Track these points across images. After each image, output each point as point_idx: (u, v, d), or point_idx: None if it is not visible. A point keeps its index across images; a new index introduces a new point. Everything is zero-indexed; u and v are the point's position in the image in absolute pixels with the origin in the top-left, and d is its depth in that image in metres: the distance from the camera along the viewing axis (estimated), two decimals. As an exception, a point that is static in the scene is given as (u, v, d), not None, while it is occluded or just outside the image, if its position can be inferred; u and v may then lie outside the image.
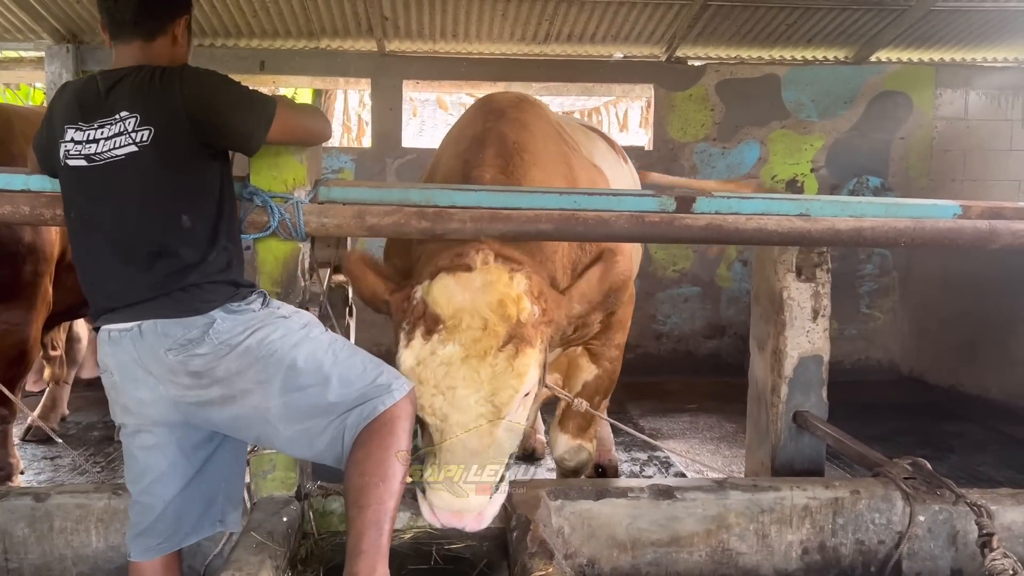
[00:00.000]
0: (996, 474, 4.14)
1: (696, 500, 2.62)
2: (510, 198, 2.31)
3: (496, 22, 5.88)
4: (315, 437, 1.92)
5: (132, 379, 1.93)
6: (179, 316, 1.87)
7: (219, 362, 1.87)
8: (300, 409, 1.90)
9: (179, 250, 1.88)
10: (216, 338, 1.87)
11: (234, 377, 1.88)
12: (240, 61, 6.18)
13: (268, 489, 2.50)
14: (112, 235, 1.91)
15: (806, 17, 5.85)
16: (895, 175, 6.52)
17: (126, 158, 1.86)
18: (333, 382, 1.90)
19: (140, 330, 1.89)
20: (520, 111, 2.73)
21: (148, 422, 1.97)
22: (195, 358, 1.87)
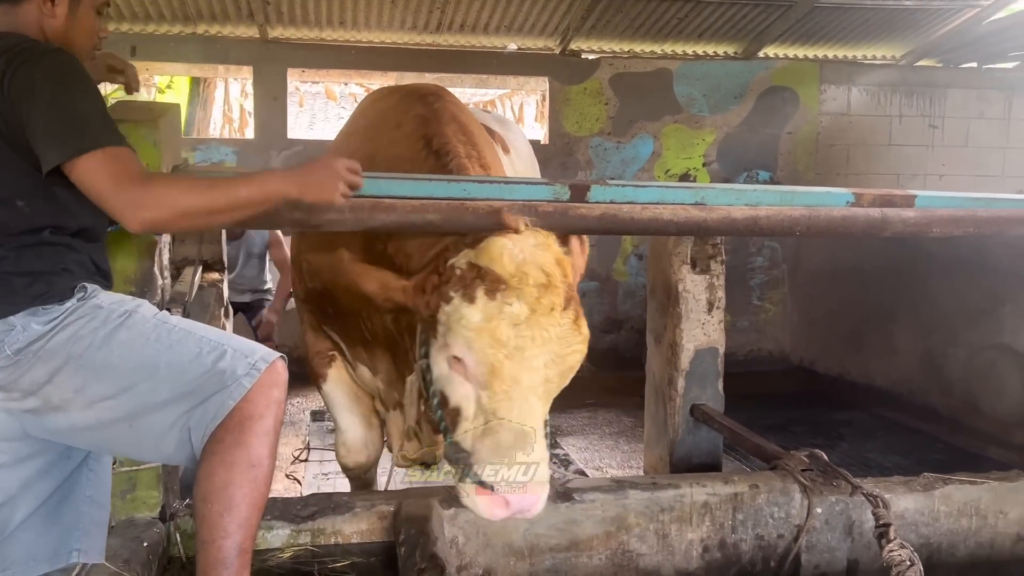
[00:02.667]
0: (884, 460, 4.24)
1: (595, 502, 2.52)
2: (394, 185, 2.14)
3: (386, 10, 5.67)
4: (160, 439, 1.64)
5: None
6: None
7: (23, 374, 1.59)
8: (131, 411, 1.62)
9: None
10: (10, 348, 1.59)
11: (45, 387, 1.59)
12: (109, 46, 5.65)
13: (127, 511, 2.25)
14: None
15: (696, 11, 5.89)
16: (783, 169, 6.65)
17: None
18: (161, 373, 1.61)
19: None
20: (452, 96, 2.72)
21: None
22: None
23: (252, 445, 1.60)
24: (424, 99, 2.58)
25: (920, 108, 6.79)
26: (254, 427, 1.60)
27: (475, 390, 1.85)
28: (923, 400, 4.97)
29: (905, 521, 2.60)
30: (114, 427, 1.64)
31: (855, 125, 6.72)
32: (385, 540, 2.40)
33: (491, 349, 1.79)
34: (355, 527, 2.40)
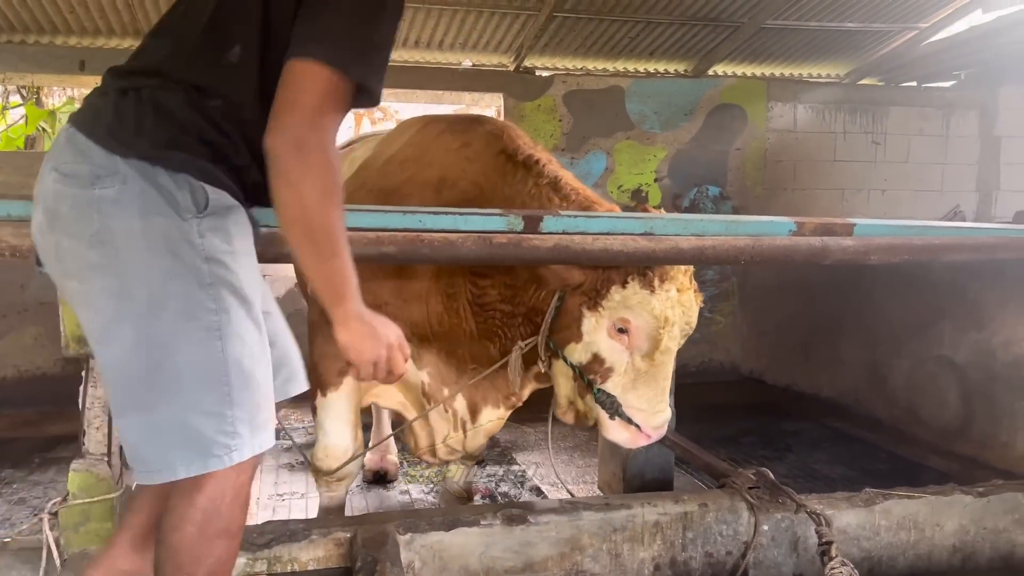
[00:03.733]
0: (830, 471, 4.35)
1: (549, 523, 2.56)
2: (350, 217, 2.17)
3: (340, 26, 5.66)
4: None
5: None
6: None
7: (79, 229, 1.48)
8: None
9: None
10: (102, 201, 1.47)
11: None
12: (56, 60, 5.66)
13: (80, 543, 2.24)
14: None
15: (648, 31, 6.01)
16: (732, 184, 6.80)
17: None
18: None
19: None
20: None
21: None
22: (64, 200, 1.50)
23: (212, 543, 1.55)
24: (480, 120, 2.88)
25: (863, 125, 7.01)
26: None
27: (630, 353, 2.39)
28: (868, 410, 5.12)
29: (847, 536, 2.70)
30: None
31: (801, 141, 6.91)
32: (342, 566, 2.42)
33: (658, 324, 2.30)
34: (312, 554, 2.41)
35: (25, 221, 1.99)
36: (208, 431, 1.50)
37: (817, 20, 5.93)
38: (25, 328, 5.69)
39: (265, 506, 3.82)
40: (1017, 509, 2.90)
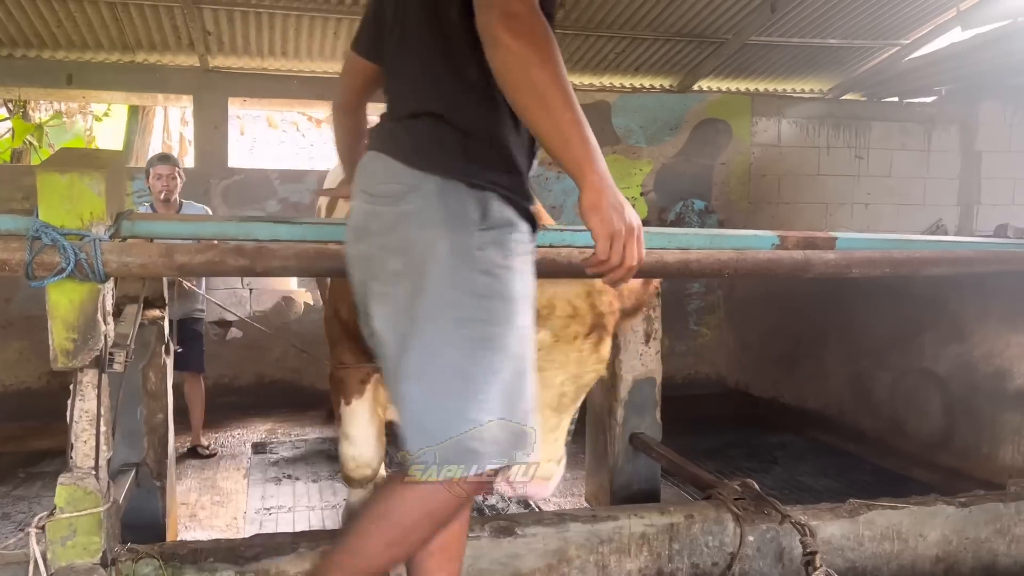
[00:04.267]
0: (815, 483, 4.39)
1: (537, 535, 2.57)
2: (338, 231, 2.19)
3: (328, 40, 5.71)
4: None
5: None
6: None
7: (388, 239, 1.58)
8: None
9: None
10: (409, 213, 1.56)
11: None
12: (44, 74, 5.67)
13: (67, 557, 2.23)
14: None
15: (633, 47, 6.08)
16: (717, 198, 6.86)
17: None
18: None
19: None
20: None
21: None
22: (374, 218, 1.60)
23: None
24: None
25: (846, 140, 7.09)
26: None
27: None
28: (852, 422, 5.16)
29: (832, 546, 2.72)
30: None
31: (785, 156, 6.98)
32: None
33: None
34: (299, 567, 2.41)
35: (14, 235, 2.01)
36: (465, 438, 1.53)
37: (800, 36, 6.02)
38: (9, 343, 5.67)
39: (252, 520, 3.81)
40: (998, 519, 2.94)
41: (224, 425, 5.55)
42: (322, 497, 4.13)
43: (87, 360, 2.14)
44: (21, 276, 1.96)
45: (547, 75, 1.41)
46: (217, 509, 3.97)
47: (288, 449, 5.03)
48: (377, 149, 1.65)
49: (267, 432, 5.45)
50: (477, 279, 1.54)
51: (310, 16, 5.36)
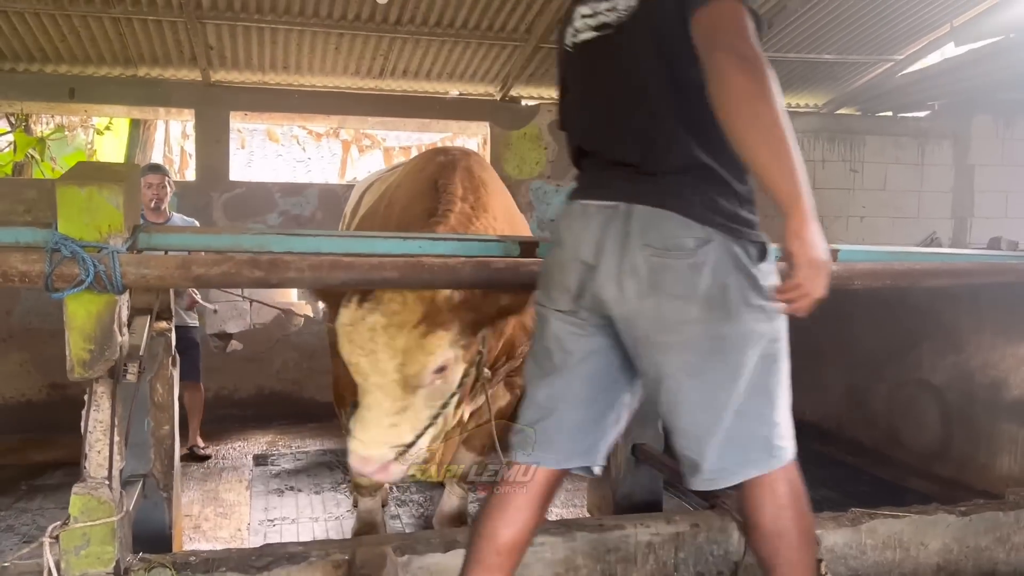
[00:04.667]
0: (814, 494, 4.33)
1: (544, 544, 2.60)
2: (350, 243, 2.23)
3: (329, 55, 5.76)
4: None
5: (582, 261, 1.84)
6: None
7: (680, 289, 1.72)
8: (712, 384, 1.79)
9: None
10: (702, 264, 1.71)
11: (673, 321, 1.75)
12: (46, 88, 5.71)
13: (81, 567, 2.25)
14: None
15: (631, 61, 6.13)
16: (715, 211, 6.90)
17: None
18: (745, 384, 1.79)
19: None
20: (478, 156, 3.18)
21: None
22: (667, 271, 1.73)
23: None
24: (447, 154, 3.03)
25: (841, 153, 7.16)
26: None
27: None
28: (850, 434, 5.20)
29: (835, 555, 2.75)
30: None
31: (782, 169, 7.02)
32: (339, 589, 2.44)
33: (351, 346, 2.23)
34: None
35: (33, 247, 2.04)
36: (772, 438, 1.84)
37: (796, 52, 6.09)
38: (10, 354, 5.67)
39: (256, 531, 3.83)
40: (998, 528, 2.97)
41: (225, 437, 5.56)
42: (325, 508, 4.15)
43: (103, 370, 2.17)
44: (40, 287, 1.99)
45: (773, 113, 1.59)
46: (221, 520, 3.98)
47: (290, 461, 5.04)
48: (657, 205, 1.76)
49: (268, 444, 5.46)
50: (765, 307, 1.76)
51: (312, 31, 5.41)
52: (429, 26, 5.44)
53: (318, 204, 6.13)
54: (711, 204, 1.74)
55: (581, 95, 1.97)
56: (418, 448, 2.30)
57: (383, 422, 2.24)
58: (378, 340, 2.19)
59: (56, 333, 5.74)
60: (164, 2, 4.95)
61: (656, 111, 1.79)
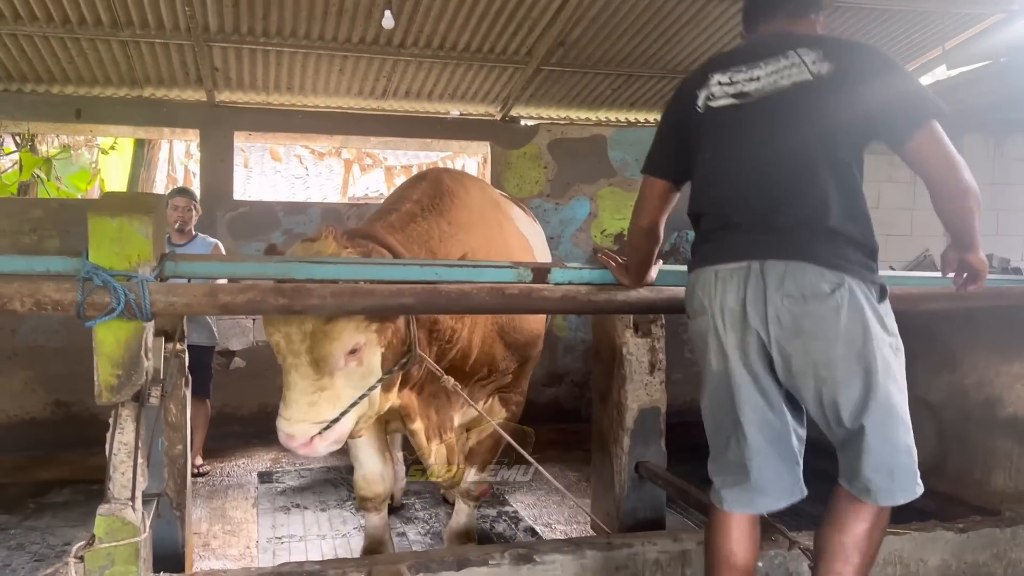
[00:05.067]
0: (812, 509, 4.44)
1: (555, 562, 2.66)
2: (369, 270, 2.30)
3: (333, 77, 5.85)
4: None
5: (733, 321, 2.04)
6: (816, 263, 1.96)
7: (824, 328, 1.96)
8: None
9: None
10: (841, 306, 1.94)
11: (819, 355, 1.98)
12: (52, 109, 5.78)
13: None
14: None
15: (630, 83, 6.24)
16: (712, 229, 7.00)
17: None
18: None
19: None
20: (464, 175, 3.43)
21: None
22: (808, 316, 1.96)
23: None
24: (428, 170, 3.31)
25: (836, 172, 7.26)
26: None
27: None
28: (847, 450, 5.25)
29: (837, 571, 2.82)
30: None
31: (776, 188, 7.14)
32: (356, 607, 2.50)
33: (271, 327, 2.39)
34: (328, 594, 2.49)
35: (64, 276, 2.10)
36: (915, 464, 2.11)
37: (791, 74, 6.20)
38: (15, 373, 5.71)
39: (265, 549, 3.87)
40: (995, 544, 3.05)
41: (228, 454, 5.61)
42: (332, 526, 4.20)
43: (130, 395, 2.23)
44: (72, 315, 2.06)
45: (979, 207, 2.08)
46: (229, 538, 4.02)
47: (294, 478, 5.09)
48: (791, 259, 1.98)
49: (272, 461, 5.50)
50: (893, 340, 2.05)
51: (316, 54, 5.49)
52: (432, 48, 5.53)
53: (321, 222, 6.18)
54: (841, 253, 1.97)
55: (712, 157, 2.13)
56: (343, 425, 2.50)
57: (303, 401, 2.45)
58: (291, 322, 2.35)
59: (60, 351, 5.82)
60: (172, 25, 5.03)
61: (812, 180, 2.01)
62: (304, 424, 2.46)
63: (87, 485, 4.92)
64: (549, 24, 5.28)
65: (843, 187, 2.04)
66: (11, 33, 4.98)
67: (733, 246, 2.05)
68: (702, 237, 2.20)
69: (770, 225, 2.01)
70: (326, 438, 2.49)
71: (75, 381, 5.77)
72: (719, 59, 2.21)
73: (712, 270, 2.08)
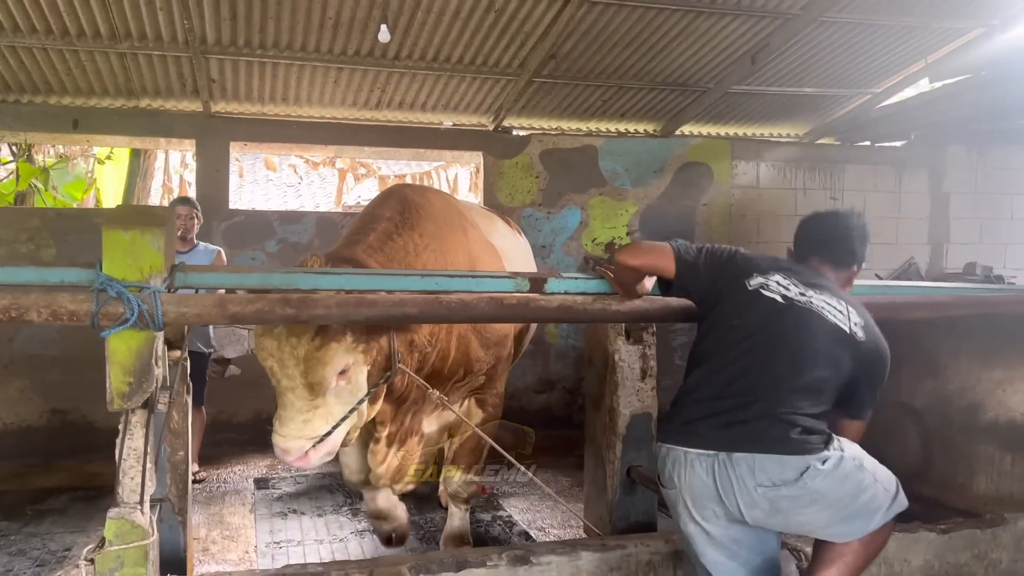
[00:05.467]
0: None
1: (551, 564, 2.74)
2: (372, 280, 2.38)
3: (328, 88, 5.93)
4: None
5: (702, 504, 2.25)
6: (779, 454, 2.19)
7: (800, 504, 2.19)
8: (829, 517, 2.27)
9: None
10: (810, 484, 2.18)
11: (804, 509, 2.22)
12: (50, 119, 5.84)
13: (115, 588, 2.36)
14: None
15: (620, 94, 6.36)
16: (700, 237, 7.12)
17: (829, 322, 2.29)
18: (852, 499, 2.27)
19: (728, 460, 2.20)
20: (425, 188, 3.69)
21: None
22: (783, 499, 2.18)
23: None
24: (393, 186, 3.53)
25: (822, 182, 7.41)
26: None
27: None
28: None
29: (824, 571, 2.91)
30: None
31: (764, 197, 7.27)
32: (357, 608, 2.57)
33: (263, 352, 2.60)
34: (331, 595, 2.56)
35: (79, 287, 2.17)
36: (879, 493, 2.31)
37: (778, 85, 6.33)
38: (11, 381, 5.75)
39: (264, 553, 3.93)
40: (975, 545, 3.15)
41: (224, 461, 5.66)
42: (329, 531, 4.26)
43: (140, 401, 2.29)
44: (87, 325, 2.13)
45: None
46: (228, 543, 4.08)
47: (290, 484, 5.15)
48: (754, 451, 2.20)
49: (267, 468, 5.56)
50: (859, 478, 2.27)
51: (312, 66, 5.58)
52: (427, 61, 5.63)
53: (315, 231, 6.27)
54: (795, 442, 2.20)
55: (744, 335, 2.32)
56: (335, 438, 2.71)
57: (297, 419, 2.65)
58: (284, 349, 2.53)
59: (57, 360, 5.85)
60: (170, 37, 5.10)
61: (814, 392, 2.27)
62: (299, 440, 2.65)
63: (85, 492, 4.97)
64: (541, 37, 5.38)
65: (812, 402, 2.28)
66: (10, 45, 5.05)
67: (703, 432, 2.26)
68: (678, 401, 2.45)
69: (745, 418, 2.23)
70: (319, 451, 2.69)
71: (72, 389, 5.83)
72: (781, 263, 2.49)
73: (683, 452, 2.28)
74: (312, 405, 2.63)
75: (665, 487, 2.37)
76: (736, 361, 2.28)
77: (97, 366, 6.46)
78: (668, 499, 2.39)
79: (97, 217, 6.08)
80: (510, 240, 4.23)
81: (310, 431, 2.65)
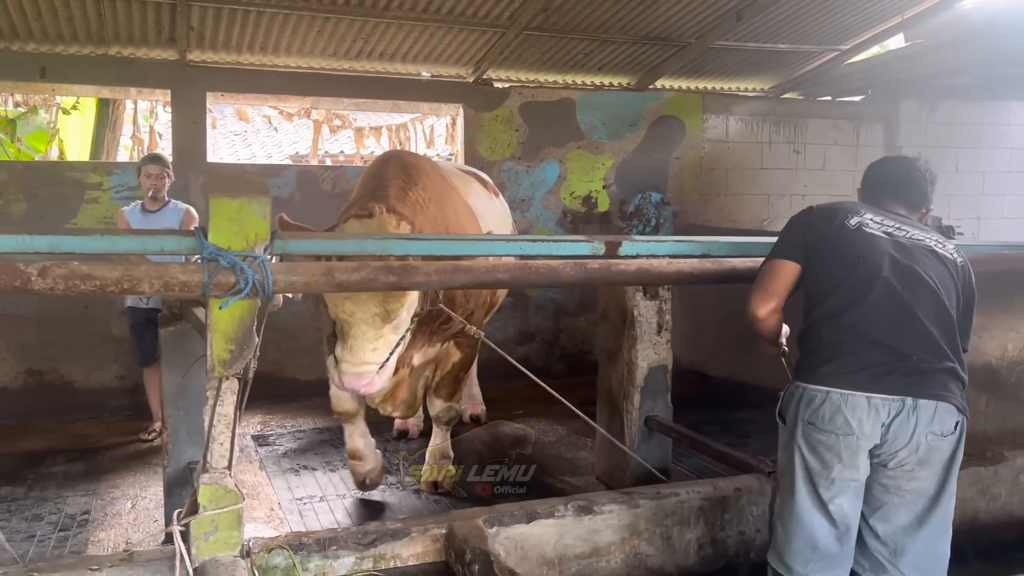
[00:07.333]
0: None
1: (612, 512, 2.89)
2: (458, 246, 2.43)
3: (311, 37, 5.78)
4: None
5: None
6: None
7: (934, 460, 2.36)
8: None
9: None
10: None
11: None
12: (15, 67, 5.54)
13: (210, 551, 2.41)
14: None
15: (602, 48, 6.39)
16: (672, 191, 7.29)
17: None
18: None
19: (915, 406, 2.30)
20: (414, 153, 4.25)
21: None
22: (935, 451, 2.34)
23: None
24: (388, 152, 4.05)
25: (786, 135, 7.64)
26: None
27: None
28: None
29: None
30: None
31: (732, 150, 7.47)
32: (437, 560, 2.67)
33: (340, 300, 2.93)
34: (411, 550, 2.65)
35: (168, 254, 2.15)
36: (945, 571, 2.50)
37: (755, 41, 6.47)
38: (-16, 342, 5.54)
39: (289, 510, 3.98)
40: (979, 481, 3.44)
41: (215, 419, 5.60)
42: (347, 486, 4.31)
43: (239, 369, 2.31)
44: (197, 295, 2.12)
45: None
46: (251, 501, 4.09)
47: (291, 440, 5.16)
48: (941, 399, 2.34)
49: (260, 424, 5.54)
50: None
51: (297, 15, 5.43)
52: (416, 12, 5.54)
53: (296, 185, 6.17)
54: (961, 395, 2.38)
55: (860, 273, 2.42)
56: (391, 364, 3.11)
57: (367, 347, 3.02)
58: (359, 299, 2.85)
59: (32, 319, 5.68)
60: (154, -17, 4.89)
61: (951, 326, 2.39)
62: (369, 365, 3.04)
63: (79, 453, 4.89)
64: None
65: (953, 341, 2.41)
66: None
67: (886, 378, 2.33)
68: (830, 347, 2.45)
69: (926, 364, 2.34)
70: (382, 375, 3.10)
71: (48, 349, 5.66)
72: (860, 205, 2.63)
73: (865, 397, 2.33)
74: (379, 335, 3.02)
75: (827, 431, 2.37)
76: (881, 304, 2.36)
77: (75, 325, 6.31)
78: (825, 445, 2.39)
79: (69, 170, 5.85)
80: (484, 201, 4.61)
81: (377, 357, 3.04)
